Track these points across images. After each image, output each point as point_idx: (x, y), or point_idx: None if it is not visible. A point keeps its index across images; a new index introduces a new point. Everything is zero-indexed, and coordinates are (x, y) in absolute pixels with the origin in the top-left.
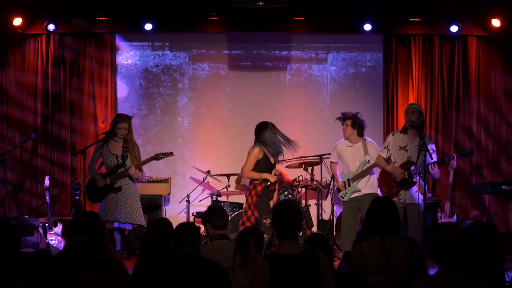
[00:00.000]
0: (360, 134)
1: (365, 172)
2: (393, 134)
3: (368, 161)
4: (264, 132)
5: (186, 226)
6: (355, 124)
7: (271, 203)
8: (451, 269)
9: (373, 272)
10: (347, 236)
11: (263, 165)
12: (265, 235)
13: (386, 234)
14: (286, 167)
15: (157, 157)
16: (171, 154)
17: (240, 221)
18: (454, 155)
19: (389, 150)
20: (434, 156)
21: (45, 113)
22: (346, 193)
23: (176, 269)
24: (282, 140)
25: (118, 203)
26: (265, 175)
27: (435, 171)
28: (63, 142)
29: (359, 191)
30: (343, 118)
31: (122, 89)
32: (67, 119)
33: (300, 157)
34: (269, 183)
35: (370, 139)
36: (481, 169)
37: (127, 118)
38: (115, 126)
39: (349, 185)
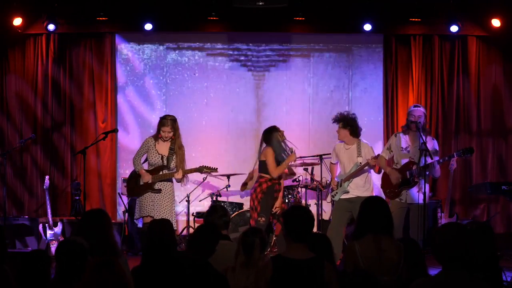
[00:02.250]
0: (355, 134)
1: (356, 173)
2: (395, 136)
3: (360, 163)
4: (273, 136)
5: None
6: (346, 125)
7: (277, 203)
8: (454, 269)
9: None
10: (333, 235)
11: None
12: None
13: (378, 233)
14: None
15: (201, 169)
16: (215, 170)
17: (251, 221)
18: (454, 153)
19: (391, 151)
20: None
21: (45, 113)
22: (336, 193)
23: (177, 271)
24: (284, 146)
25: (155, 202)
26: (288, 161)
27: (436, 169)
28: (63, 142)
29: (347, 192)
30: (334, 120)
31: (122, 89)
32: (67, 119)
33: (300, 157)
34: (275, 182)
35: (366, 141)
36: (481, 169)
37: (170, 121)
38: (159, 128)
39: (341, 186)
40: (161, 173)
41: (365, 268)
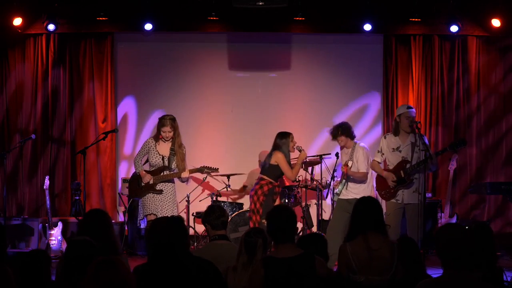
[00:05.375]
0: (352, 138)
1: (347, 176)
2: (385, 137)
3: (350, 166)
4: (286, 143)
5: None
6: (343, 133)
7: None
8: (459, 270)
9: (358, 272)
10: (331, 234)
11: (280, 169)
12: None
13: (368, 232)
14: None
15: (202, 169)
16: (216, 170)
17: (251, 223)
18: (447, 147)
19: (383, 154)
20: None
21: (45, 113)
22: (337, 193)
23: (181, 269)
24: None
25: (157, 202)
26: (300, 160)
27: (432, 164)
28: (63, 142)
29: (338, 194)
30: (333, 136)
31: (122, 89)
32: (67, 119)
33: (306, 158)
34: (275, 185)
35: (363, 144)
36: (481, 169)
37: (170, 120)
38: (159, 129)
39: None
40: (162, 174)
41: (357, 268)
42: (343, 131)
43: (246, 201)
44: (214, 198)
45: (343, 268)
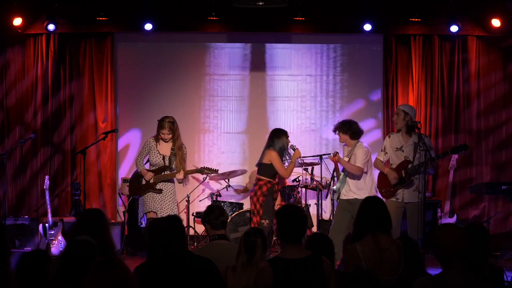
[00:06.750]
0: (354, 137)
1: (345, 170)
2: (389, 136)
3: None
4: (282, 139)
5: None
6: (345, 131)
7: (275, 203)
8: (456, 268)
9: None
10: (334, 234)
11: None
12: None
13: (377, 233)
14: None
15: (202, 170)
16: (216, 171)
17: (252, 224)
18: (448, 151)
19: (386, 153)
20: (432, 153)
21: (45, 113)
22: (335, 191)
23: (181, 268)
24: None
25: (157, 200)
26: (294, 159)
27: (431, 167)
28: (63, 142)
29: (335, 191)
30: (334, 130)
31: (122, 89)
32: (67, 119)
33: (300, 157)
34: (274, 183)
35: (365, 144)
36: (482, 169)
37: (168, 123)
38: (158, 131)
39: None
40: (163, 173)
41: (367, 268)
42: (339, 129)
43: (246, 201)
44: (214, 198)
45: (350, 268)
